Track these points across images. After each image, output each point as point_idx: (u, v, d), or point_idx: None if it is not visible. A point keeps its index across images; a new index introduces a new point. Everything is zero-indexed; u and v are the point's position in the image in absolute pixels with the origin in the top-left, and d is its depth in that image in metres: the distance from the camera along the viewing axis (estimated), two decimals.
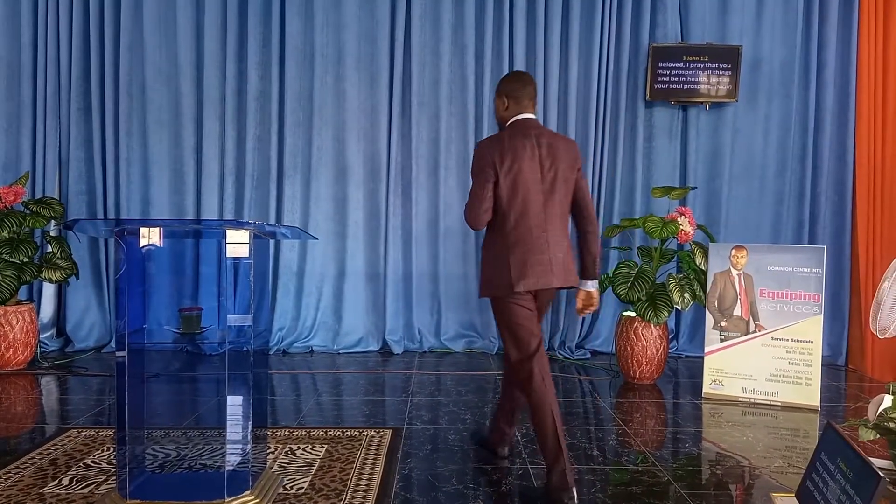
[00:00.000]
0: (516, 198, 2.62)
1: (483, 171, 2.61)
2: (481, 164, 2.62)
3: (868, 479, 1.91)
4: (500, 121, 2.79)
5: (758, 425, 3.71)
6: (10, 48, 5.27)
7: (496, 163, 2.59)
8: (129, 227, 2.40)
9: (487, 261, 2.72)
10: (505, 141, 2.63)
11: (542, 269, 2.65)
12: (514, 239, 2.64)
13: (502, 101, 2.75)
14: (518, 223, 2.64)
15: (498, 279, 2.65)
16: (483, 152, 2.63)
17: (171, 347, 4.85)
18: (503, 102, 2.75)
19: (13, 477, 2.77)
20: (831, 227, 5.44)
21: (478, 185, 2.62)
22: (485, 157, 2.62)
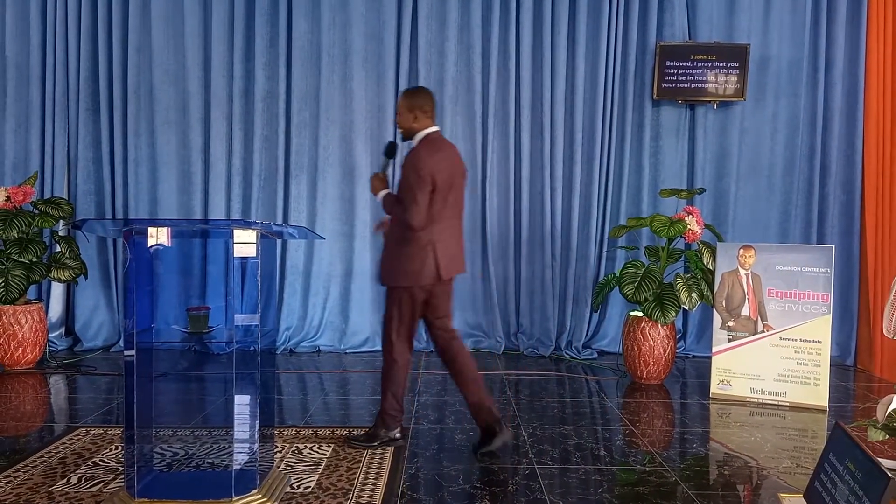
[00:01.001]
0: (445, 201, 3.06)
1: (425, 181, 2.98)
2: (422, 175, 2.98)
3: (877, 480, 1.90)
4: (409, 132, 3.15)
5: (766, 426, 3.70)
6: (19, 50, 5.30)
7: (434, 173, 3.00)
8: (137, 226, 2.41)
9: (412, 254, 3.04)
10: (436, 155, 3.05)
11: (459, 261, 3.21)
12: (442, 236, 3.07)
13: (413, 114, 3.11)
14: (444, 222, 3.08)
15: (427, 269, 3.05)
16: (422, 164, 3.00)
17: (178, 347, 4.88)
18: (413, 116, 3.11)
19: (22, 475, 2.79)
20: (839, 226, 5.40)
21: (421, 193, 2.98)
22: (425, 168, 2.99)
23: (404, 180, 3.03)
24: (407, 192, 3.00)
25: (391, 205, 3.12)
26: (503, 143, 5.46)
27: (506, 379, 4.63)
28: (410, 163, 3.03)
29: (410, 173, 3.01)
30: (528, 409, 3.91)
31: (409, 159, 3.06)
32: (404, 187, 3.02)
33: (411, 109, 3.11)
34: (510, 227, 5.49)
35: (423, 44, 5.36)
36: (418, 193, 2.97)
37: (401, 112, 3.14)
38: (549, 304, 5.40)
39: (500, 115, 5.44)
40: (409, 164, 3.03)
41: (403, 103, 3.14)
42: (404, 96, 3.18)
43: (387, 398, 3.19)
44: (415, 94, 3.17)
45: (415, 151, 3.08)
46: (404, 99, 3.16)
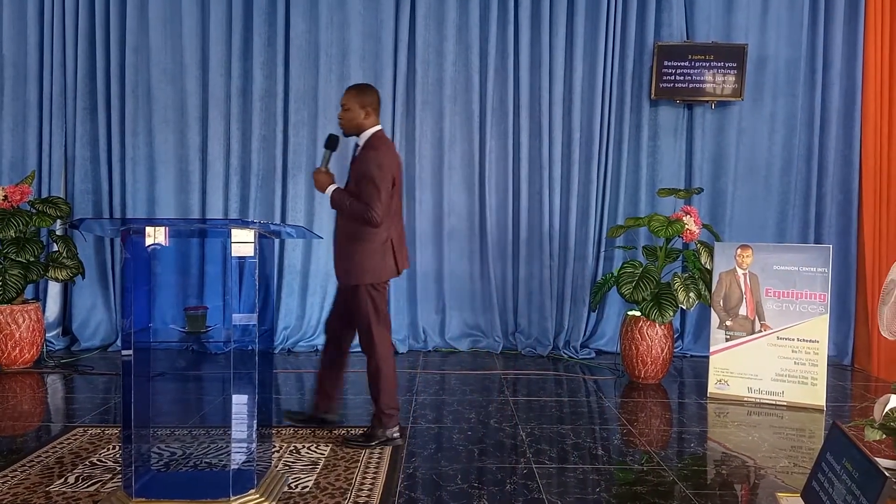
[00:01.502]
0: (398, 200, 3.20)
1: (387, 178, 3.05)
2: (385, 174, 3.04)
3: (874, 480, 1.90)
4: (357, 128, 3.17)
5: (763, 425, 3.70)
6: (16, 49, 5.29)
7: (393, 171, 3.10)
8: (134, 226, 2.41)
9: (373, 251, 3.11)
10: (392, 153, 3.16)
11: (406, 256, 3.31)
12: (395, 232, 3.18)
13: (364, 111, 3.14)
14: (395, 219, 3.19)
15: (388, 265, 3.15)
16: (386, 163, 3.07)
17: (176, 346, 4.86)
18: (364, 112, 3.14)
19: (20, 475, 2.78)
20: (837, 226, 5.41)
21: (385, 191, 3.05)
22: (388, 167, 3.07)
23: (366, 177, 3.03)
24: (371, 189, 3.01)
25: (344, 201, 3.10)
26: (501, 143, 5.46)
27: (504, 378, 4.63)
28: (375, 160, 3.05)
29: (375, 170, 3.03)
30: (525, 408, 3.91)
31: (371, 157, 3.07)
32: (367, 184, 3.02)
33: (363, 106, 3.13)
34: (508, 227, 5.49)
35: (420, 43, 5.36)
36: (382, 191, 3.01)
37: (350, 108, 3.13)
38: (547, 304, 5.41)
39: (499, 115, 5.44)
40: (372, 162, 3.05)
41: (354, 99, 3.14)
42: (355, 92, 3.17)
43: (381, 398, 3.19)
44: (366, 91, 3.18)
45: (375, 149, 3.10)
46: (356, 95, 3.15)
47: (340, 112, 3.18)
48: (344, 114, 3.16)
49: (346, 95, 3.17)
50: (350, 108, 3.13)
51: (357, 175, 3.10)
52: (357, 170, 3.12)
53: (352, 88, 3.21)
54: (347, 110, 3.14)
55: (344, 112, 3.16)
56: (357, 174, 3.11)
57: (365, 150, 3.13)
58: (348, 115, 3.14)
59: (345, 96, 3.17)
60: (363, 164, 3.07)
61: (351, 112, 3.13)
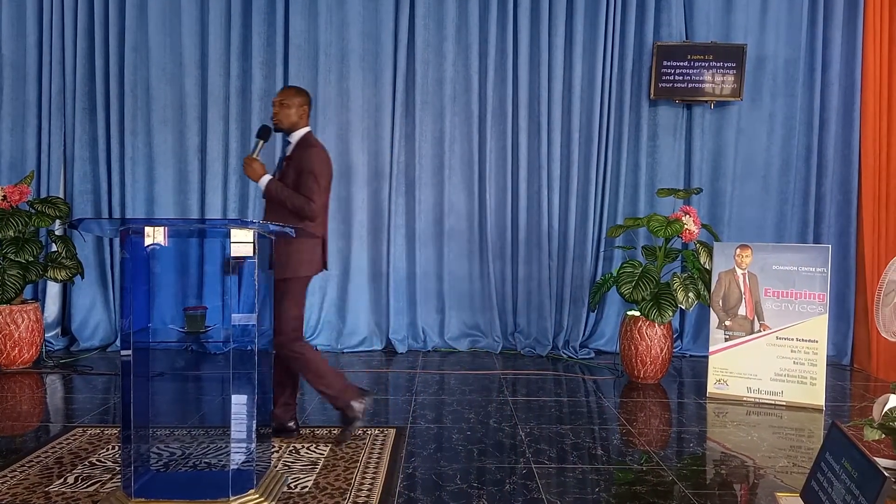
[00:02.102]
0: (327, 201, 3.29)
1: (327, 176, 3.19)
2: (324, 170, 3.17)
3: (873, 479, 1.91)
4: (291, 127, 3.23)
5: (762, 425, 3.70)
6: (15, 49, 5.29)
7: (330, 173, 3.24)
8: (133, 226, 2.41)
9: (305, 245, 3.15)
10: (328, 154, 3.25)
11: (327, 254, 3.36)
12: (324, 229, 3.27)
13: (301, 110, 3.24)
14: (325, 219, 3.29)
15: (317, 259, 3.22)
16: (325, 160, 3.20)
17: (175, 346, 4.86)
18: (301, 112, 3.24)
19: (19, 475, 2.78)
20: (836, 226, 5.42)
21: (324, 187, 3.18)
22: (327, 164, 3.20)
23: (309, 172, 3.10)
24: (313, 183, 3.10)
25: (282, 192, 3.12)
26: (500, 143, 5.46)
27: (503, 378, 4.63)
28: (318, 156, 3.15)
29: (318, 166, 3.12)
30: (525, 408, 3.91)
31: (314, 153, 3.15)
32: (309, 178, 3.09)
33: (301, 105, 3.23)
34: (507, 227, 5.49)
35: (420, 43, 5.36)
36: (322, 186, 3.14)
37: (290, 105, 3.20)
38: (547, 304, 5.41)
39: (498, 115, 5.44)
40: (315, 157, 3.14)
41: (295, 99, 3.21)
42: (294, 91, 3.26)
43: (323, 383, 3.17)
44: (303, 92, 3.28)
45: (316, 147, 3.20)
46: (296, 95, 3.23)
47: (278, 108, 3.21)
48: (283, 110, 3.20)
49: (286, 93, 3.25)
50: (290, 105, 3.20)
51: (297, 170, 3.14)
52: (296, 165, 3.15)
53: (291, 88, 3.32)
54: (287, 108, 3.20)
55: (284, 108, 3.20)
56: (297, 169, 3.14)
57: (304, 147, 3.19)
58: (287, 113, 3.20)
59: (285, 94, 3.24)
60: (305, 160, 3.13)
61: (289, 110, 3.20)
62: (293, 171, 3.16)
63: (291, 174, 3.16)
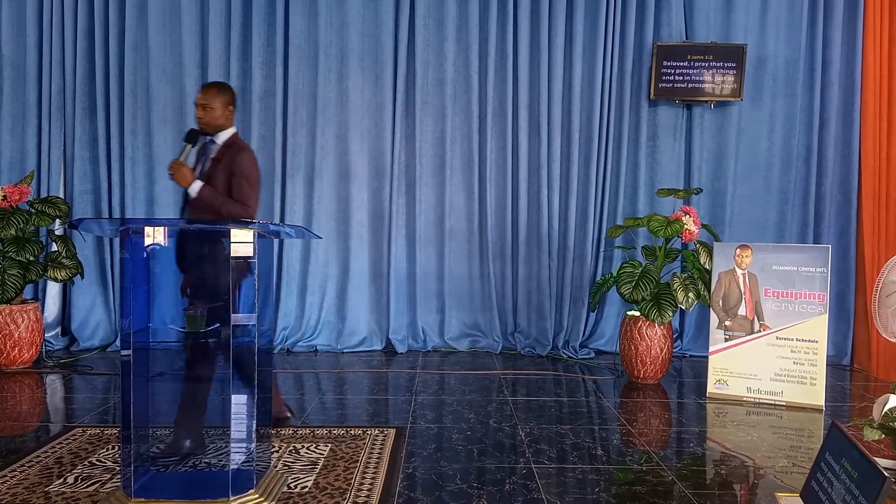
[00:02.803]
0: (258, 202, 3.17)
1: (259, 178, 3.12)
2: (256, 174, 3.09)
3: (873, 480, 1.91)
4: (217, 127, 3.10)
5: (762, 425, 3.70)
6: (15, 49, 5.29)
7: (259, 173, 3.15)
8: (133, 226, 2.41)
9: None
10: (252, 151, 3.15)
11: None
12: None
13: (227, 109, 3.10)
14: None
15: None
16: (256, 162, 3.10)
17: (175, 346, 4.87)
18: (226, 111, 3.10)
19: (19, 475, 2.78)
20: (836, 226, 5.42)
21: (258, 190, 3.11)
22: (257, 167, 3.11)
23: (243, 176, 3.00)
24: (248, 188, 3.02)
25: (216, 199, 3.00)
26: (501, 143, 5.46)
27: (503, 378, 4.63)
28: (250, 160, 3.06)
29: (251, 170, 3.04)
30: (525, 408, 3.91)
31: (246, 157, 3.05)
32: (243, 182, 3.00)
33: (225, 105, 3.09)
34: (507, 227, 5.49)
35: (420, 43, 5.36)
36: (256, 190, 3.07)
37: (214, 106, 3.05)
38: (547, 304, 5.41)
39: (498, 115, 5.44)
40: (247, 161, 3.05)
41: (218, 98, 3.07)
42: (216, 90, 3.10)
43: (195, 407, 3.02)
44: (228, 90, 3.13)
45: (246, 150, 3.10)
46: (218, 94, 3.08)
47: (200, 111, 3.06)
48: (206, 112, 3.06)
49: (207, 94, 3.08)
50: (213, 106, 3.05)
51: (227, 173, 3.02)
52: (226, 168, 3.03)
53: (212, 86, 3.13)
54: (210, 109, 3.05)
55: (206, 110, 3.06)
56: (227, 172, 3.02)
57: (233, 150, 3.07)
58: (211, 114, 3.06)
59: (206, 94, 3.07)
60: (236, 164, 3.01)
61: (214, 110, 3.06)
62: (223, 175, 3.02)
63: (221, 177, 3.02)
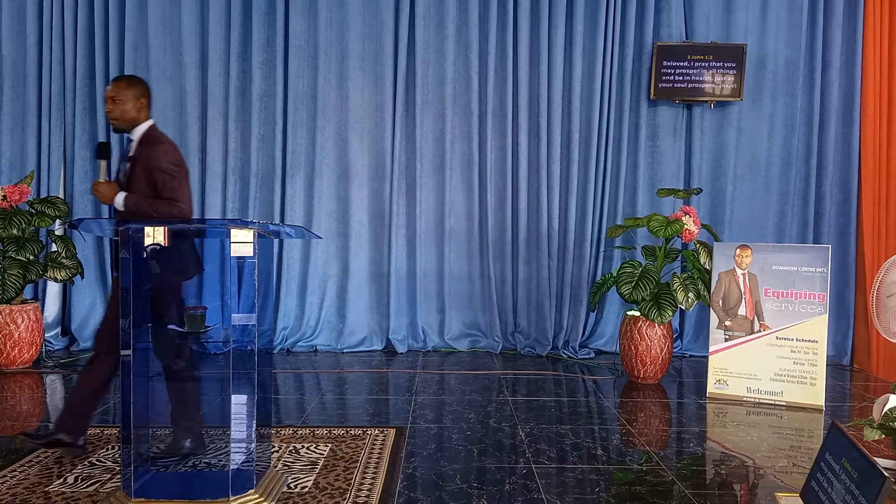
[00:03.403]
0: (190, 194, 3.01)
1: (184, 173, 2.94)
2: (181, 167, 2.92)
3: (873, 479, 1.91)
4: (130, 123, 2.93)
5: (762, 425, 3.70)
6: (15, 48, 5.29)
7: (185, 164, 2.98)
8: (133, 226, 2.41)
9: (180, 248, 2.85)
10: (177, 147, 2.99)
11: None
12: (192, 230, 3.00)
13: (139, 103, 2.94)
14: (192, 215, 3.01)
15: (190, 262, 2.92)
16: (178, 156, 2.92)
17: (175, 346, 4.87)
18: (139, 105, 2.94)
19: (19, 475, 2.78)
20: (836, 226, 5.42)
21: (186, 185, 2.94)
22: (180, 158, 2.93)
23: (163, 171, 2.82)
24: (173, 183, 2.85)
25: (141, 204, 2.83)
26: (500, 143, 5.46)
27: (503, 378, 4.63)
28: (168, 153, 2.87)
29: (170, 164, 2.85)
30: (525, 408, 3.91)
31: (163, 150, 2.87)
32: (166, 178, 2.83)
33: (137, 98, 2.92)
34: (507, 227, 5.49)
35: (420, 43, 5.36)
36: (184, 186, 2.91)
37: (123, 100, 2.88)
38: (547, 304, 5.41)
39: (498, 115, 5.45)
40: (165, 155, 2.86)
41: (128, 91, 2.90)
42: (126, 83, 2.93)
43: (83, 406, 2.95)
44: (139, 83, 2.97)
45: (163, 142, 2.92)
46: (129, 87, 2.91)
47: (110, 105, 2.90)
48: (116, 107, 2.89)
49: (115, 87, 2.91)
50: (123, 100, 2.88)
51: (146, 170, 2.84)
52: (144, 165, 2.85)
53: (122, 79, 2.96)
54: (119, 101, 2.88)
55: (116, 105, 2.89)
56: (146, 169, 2.84)
57: (149, 145, 2.90)
58: (122, 109, 2.89)
59: (115, 87, 2.91)
60: (153, 158, 2.84)
61: (124, 105, 2.88)
62: (142, 172, 2.85)
63: (141, 177, 2.85)
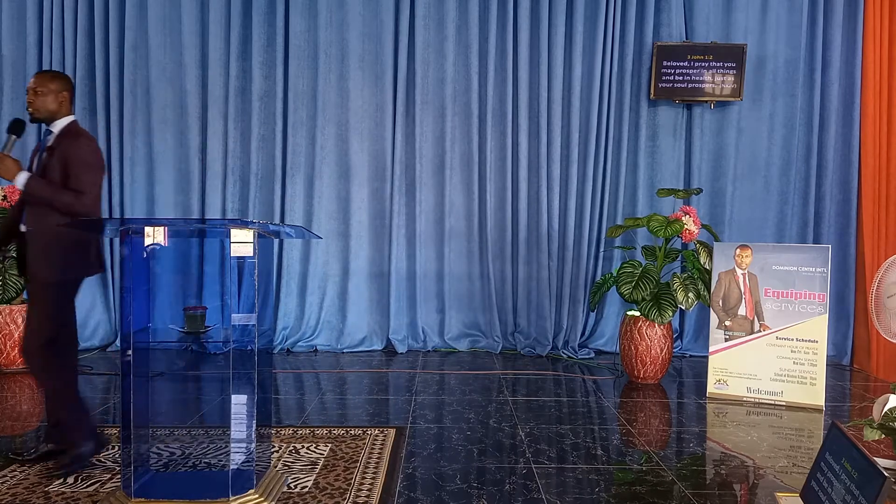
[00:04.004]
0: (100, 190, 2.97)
1: (100, 169, 2.92)
2: (94, 162, 2.89)
3: (873, 479, 1.91)
4: (50, 115, 2.93)
5: (762, 425, 3.70)
6: (15, 48, 5.29)
7: (103, 165, 2.96)
8: (134, 226, 2.41)
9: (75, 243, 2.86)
10: (97, 145, 2.98)
11: None
12: None
13: (60, 96, 2.93)
14: (99, 212, 2.99)
15: (93, 259, 2.95)
16: (95, 150, 2.92)
17: (175, 346, 4.88)
18: (59, 98, 2.93)
19: (19, 475, 2.78)
20: (836, 226, 5.42)
21: (97, 181, 2.90)
22: (97, 155, 2.91)
23: (80, 164, 2.82)
24: (85, 177, 2.82)
25: (45, 189, 2.80)
26: (500, 143, 5.46)
27: (503, 378, 4.63)
28: (88, 147, 2.88)
29: (90, 157, 2.86)
30: (525, 408, 3.91)
31: (83, 144, 2.88)
32: (81, 171, 2.81)
33: (59, 92, 2.92)
34: (507, 227, 5.49)
35: (420, 43, 5.36)
36: (95, 180, 2.88)
37: (45, 93, 2.89)
38: (546, 304, 5.41)
39: (498, 115, 5.45)
40: (85, 148, 2.86)
41: (51, 85, 2.91)
42: (50, 77, 2.94)
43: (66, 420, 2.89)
44: (63, 78, 2.98)
45: (84, 136, 2.92)
46: (51, 80, 2.92)
47: (32, 95, 2.90)
48: (37, 98, 2.89)
49: (40, 79, 2.92)
50: (45, 93, 2.89)
51: (62, 162, 2.83)
52: (61, 157, 2.84)
53: (45, 73, 2.98)
54: (42, 94, 2.89)
55: (38, 96, 2.89)
56: (62, 161, 2.83)
57: (69, 137, 2.89)
58: (43, 100, 2.89)
59: (39, 80, 2.92)
60: (71, 151, 2.84)
61: (45, 97, 2.89)
62: (58, 164, 2.84)
63: (56, 167, 2.84)
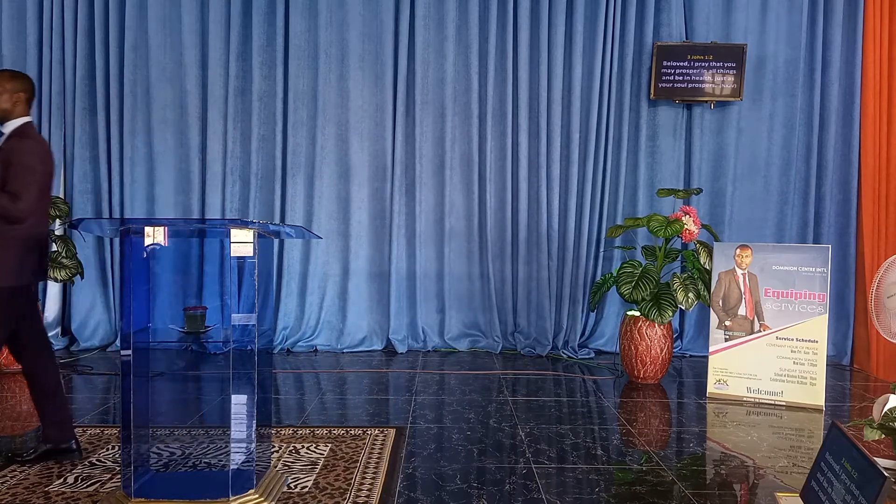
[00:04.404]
0: (46, 197, 2.91)
1: (43, 173, 2.83)
2: (39, 165, 2.81)
3: (873, 479, 1.91)
4: (3, 114, 2.87)
5: (762, 425, 3.70)
6: (15, 48, 5.29)
7: (48, 167, 2.88)
8: (134, 226, 2.41)
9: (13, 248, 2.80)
10: (45, 146, 2.90)
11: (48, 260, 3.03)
12: (42, 231, 2.92)
13: (15, 96, 2.88)
14: (43, 221, 2.93)
15: (32, 266, 2.87)
16: (42, 153, 2.84)
17: (175, 346, 4.87)
18: (14, 98, 2.88)
19: (19, 475, 2.78)
20: (836, 226, 5.42)
21: (38, 185, 2.80)
22: (43, 158, 2.84)
23: (22, 166, 2.75)
24: (26, 179, 2.75)
25: None
26: (500, 143, 5.46)
27: (503, 378, 4.63)
28: (33, 150, 2.81)
29: (33, 160, 2.79)
30: (525, 408, 3.91)
31: (29, 146, 2.81)
32: (22, 173, 2.75)
33: (14, 92, 2.87)
34: (507, 227, 5.49)
35: (420, 43, 5.36)
36: (37, 183, 2.79)
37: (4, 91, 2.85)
38: (546, 304, 5.41)
39: (498, 115, 5.45)
40: (30, 151, 2.80)
41: (7, 84, 2.86)
42: (8, 77, 2.89)
43: None
44: (20, 78, 2.92)
45: (32, 139, 2.86)
46: (10, 80, 2.88)
47: None
48: None
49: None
50: (1, 91, 2.85)
51: (5, 163, 2.77)
52: (5, 158, 2.78)
53: (4, 72, 2.92)
54: None
55: None
56: (5, 162, 2.77)
57: (17, 138, 2.84)
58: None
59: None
60: (16, 153, 2.77)
61: (2, 96, 2.85)
62: (2, 164, 2.78)
63: (0, 168, 2.78)
